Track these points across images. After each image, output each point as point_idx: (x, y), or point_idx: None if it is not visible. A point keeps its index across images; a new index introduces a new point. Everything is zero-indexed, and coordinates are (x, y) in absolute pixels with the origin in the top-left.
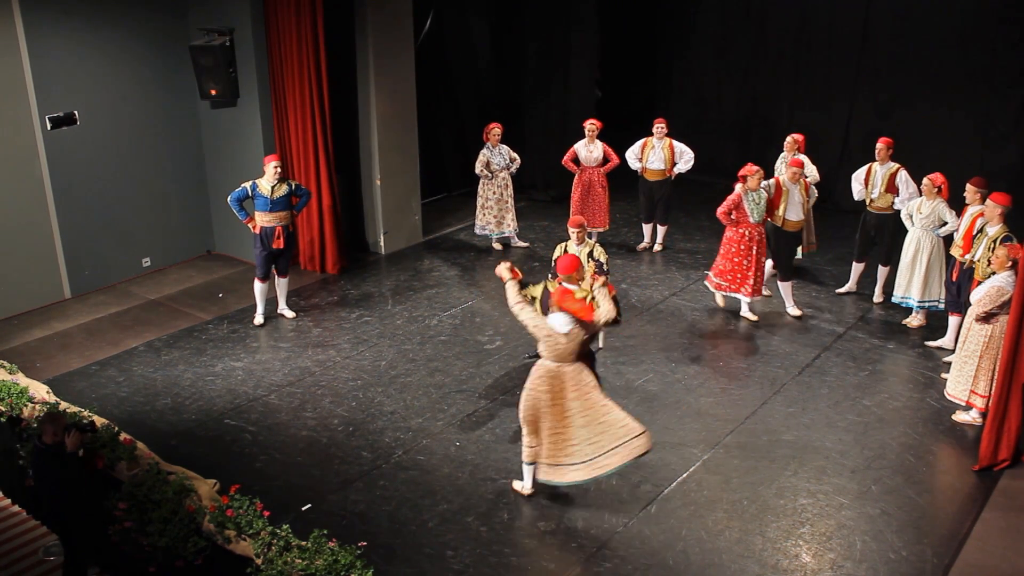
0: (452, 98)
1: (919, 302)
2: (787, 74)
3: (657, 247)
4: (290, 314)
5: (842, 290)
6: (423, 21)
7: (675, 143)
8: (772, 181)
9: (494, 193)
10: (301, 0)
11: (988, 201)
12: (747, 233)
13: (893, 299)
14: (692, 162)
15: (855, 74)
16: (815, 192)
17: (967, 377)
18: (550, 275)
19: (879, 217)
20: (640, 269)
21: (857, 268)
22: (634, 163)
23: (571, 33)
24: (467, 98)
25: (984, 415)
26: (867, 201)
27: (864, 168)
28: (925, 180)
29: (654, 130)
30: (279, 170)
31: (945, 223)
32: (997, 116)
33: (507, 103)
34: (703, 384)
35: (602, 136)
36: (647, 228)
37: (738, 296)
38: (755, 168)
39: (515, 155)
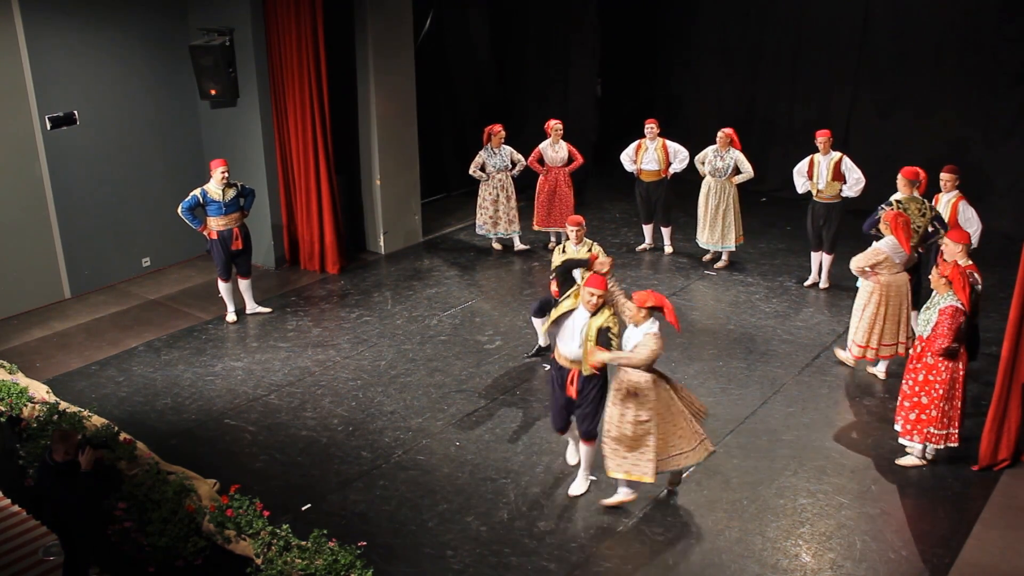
0: (452, 98)
1: None
2: (787, 73)
3: (667, 249)
4: (265, 309)
5: (808, 282)
6: (423, 21)
7: (668, 143)
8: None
9: (489, 194)
10: (301, 0)
11: (900, 177)
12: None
13: None
14: (687, 161)
15: (855, 73)
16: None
17: (853, 327)
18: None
19: (827, 207)
20: (640, 269)
21: (815, 257)
22: (629, 166)
23: (571, 33)
24: (467, 98)
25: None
26: (814, 192)
27: (805, 161)
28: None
29: (646, 131)
30: (226, 175)
31: None
32: (997, 115)
33: (507, 103)
34: (703, 384)
35: (602, 136)
36: (647, 229)
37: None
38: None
39: (519, 157)
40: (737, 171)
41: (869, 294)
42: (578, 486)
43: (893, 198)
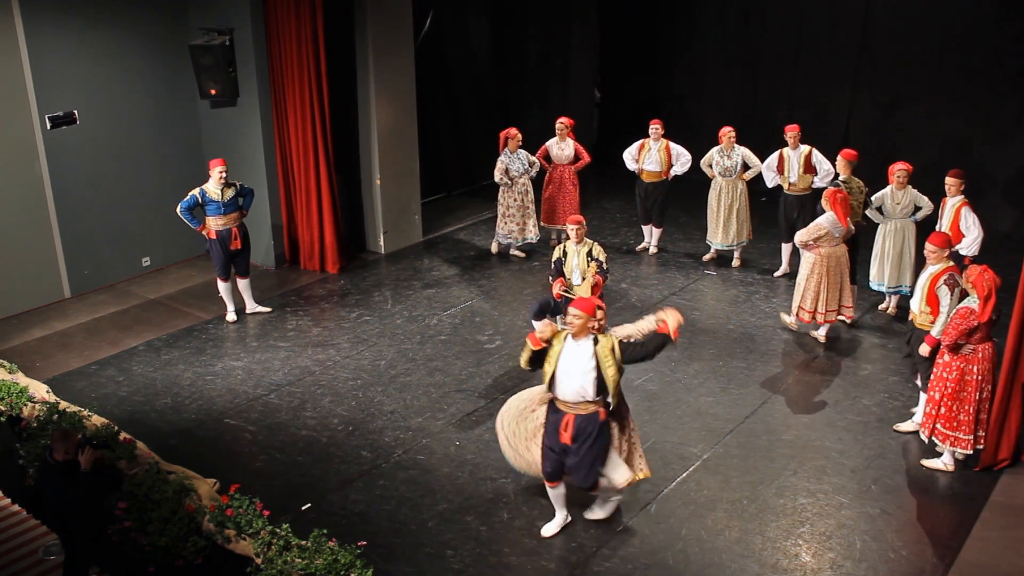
0: (452, 98)
1: (894, 288)
2: (787, 74)
3: (652, 250)
4: (264, 309)
5: (778, 273)
6: (423, 21)
7: (672, 145)
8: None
9: (515, 200)
10: (301, 0)
11: (841, 159)
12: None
13: (883, 289)
14: (689, 164)
15: (855, 73)
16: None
17: (798, 295)
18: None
19: (799, 199)
20: (640, 269)
21: (786, 248)
22: (631, 164)
23: (571, 33)
24: (467, 98)
25: (814, 326)
26: (785, 186)
27: (774, 156)
28: (900, 170)
29: (650, 131)
30: (225, 175)
31: (920, 208)
32: (997, 115)
33: (507, 103)
34: (703, 384)
35: (602, 136)
36: (646, 229)
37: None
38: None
39: (533, 159)
40: (746, 167)
41: (811, 265)
42: (597, 512)
43: (839, 179)
